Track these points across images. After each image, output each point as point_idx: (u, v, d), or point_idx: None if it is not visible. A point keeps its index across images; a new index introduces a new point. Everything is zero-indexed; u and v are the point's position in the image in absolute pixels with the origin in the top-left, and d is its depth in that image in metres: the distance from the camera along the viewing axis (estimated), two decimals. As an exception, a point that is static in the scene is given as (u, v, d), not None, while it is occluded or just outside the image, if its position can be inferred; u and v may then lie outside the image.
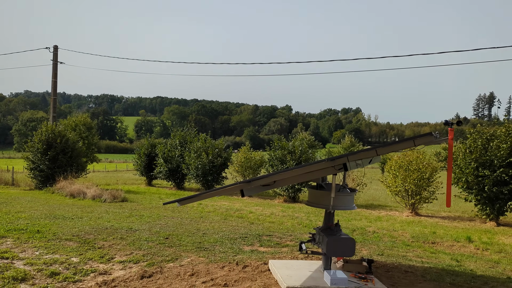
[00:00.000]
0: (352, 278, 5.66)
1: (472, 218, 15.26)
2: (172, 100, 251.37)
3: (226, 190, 5.13)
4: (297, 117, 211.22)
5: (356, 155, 4.56)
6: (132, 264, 7.26)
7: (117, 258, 7.64)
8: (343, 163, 4.66)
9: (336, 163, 4.63)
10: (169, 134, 30.08)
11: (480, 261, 8.31)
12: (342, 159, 4.57)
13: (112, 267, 7.11)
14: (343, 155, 4.56)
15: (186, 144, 24.63)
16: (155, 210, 14.42)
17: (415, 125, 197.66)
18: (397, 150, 4.51)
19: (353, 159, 4.62)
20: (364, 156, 4.63)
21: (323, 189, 5.80)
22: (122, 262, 7.36)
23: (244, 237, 9.75)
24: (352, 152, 4.58)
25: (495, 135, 14.14)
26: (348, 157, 4.54)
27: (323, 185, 5.85)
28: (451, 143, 4.58)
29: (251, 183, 4.91)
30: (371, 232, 11.43)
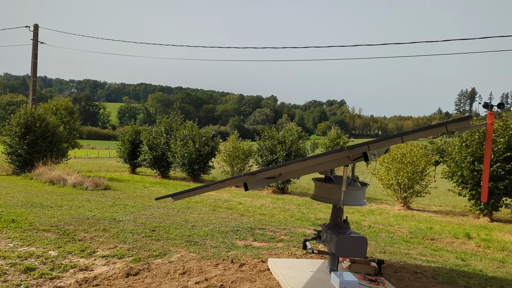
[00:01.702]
0: (361, 281, 5.14)
1: (465, 213, 14.99)
2: (156, 87, 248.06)
3: (228, 183, 4.54)
4: (283, 108, 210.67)
5: (378, 143, 4.00)
6: (116, 259, 6.63)
7: (99, 252, 7.00)
8: (363, 152, 4.10)
9: (354, 152, 4.07)
10: (152, 121, 29.27)
11: (486, 260, 7.92)
12: (362, 147, 4.00)
13: (94, 262, 6.47)
14: (363, 143, 4.01)
15: (172, 131, 23.86)
16: (139, 199, 13.74)
17: (398, 118, 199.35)
18: (426, 136, 3.95)
19: (375, 147, 4.06)
20: (388, 144, 4.08)
21: (332, 182, 5.24)
22: (105, 256, 6.72)
23: (236, 231, 9.18)
24: (373, 140, 4.02)
25: (493, 129, 13.80)
26: (369, 145, 3.98)
27: (332, 178, 5.29)
28: (491, 129, 4.03)
29: (255, 175, 4.32)
30: (367, 227, 10.99)
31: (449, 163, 14.80)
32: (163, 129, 24.05)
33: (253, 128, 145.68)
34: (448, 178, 14.78)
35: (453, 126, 3.89)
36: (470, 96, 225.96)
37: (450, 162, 14.71)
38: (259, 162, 19.35)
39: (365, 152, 4.12)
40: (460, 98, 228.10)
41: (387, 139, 3.93)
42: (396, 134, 3.93)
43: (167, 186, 18.95)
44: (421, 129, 3.86)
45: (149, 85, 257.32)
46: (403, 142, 3.94)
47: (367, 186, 5.36)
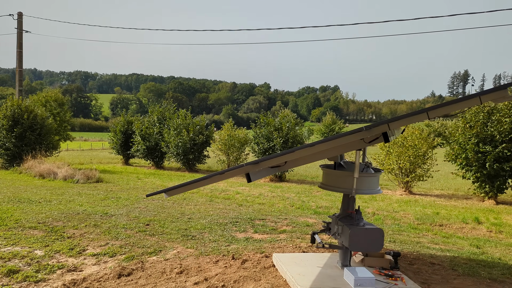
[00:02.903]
0: (377, 277, 4.66)
1: (468, 196, 14.60)
2: (148, 77, 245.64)
3: (228, 174, 4.01)
4: (276, 95, 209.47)
5: (400, 121, 3.47)
6: (108, 257, 6.11)
7: (89, 250, 6.48)
8: (382, 132, 3.57)
9: (373, 133, 3.54)
10: (145, 112, 28.54)
11: (501, 247, 7.48)
12: (381, 127, 3.47)
13: (84, 261, 5.96)
14: (382, 121, 3.47)
15: (165, 121, 23.24)
16: (133, 191, 13.19)
17: (392, 103, 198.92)
18: (455, 110, 3.40)
19: (396, 126, 3.53)
20: (411, 121, 3.55)
21: (342, 169, 4.72)
22: (96, 255, 6.21)
23: (235, 222, 8.68)
24: (394, 118, 3.49)
25: (497, 108, 13.34)
26: (389, 124, 3.45)
27: (342, 164, 4.77)
28: None
29: (259, 165, 3.79)
30: (371, 213, 10.54)
31: (452, 145, 14.33)
32: (156, 119, 23.43)
33: (247, 116, 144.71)
34: (451, 160, 14.33)
35: (488, 97, 3.36)
36: (463, 78, 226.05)
37: (453, 144, 14.24)
38: (255, 150, 18.83)
39: (385, 132, 3.59)
40: (453, 80, 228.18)
41: (411, 115, 3.40)
42: (421, 109, 3.40)
43: (162, 177, 18.41)
44: (450, 102, 3.33)
45: (141, 75, 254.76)
46: (429, 119, 3.41)
47: (381, 173, 4.85)
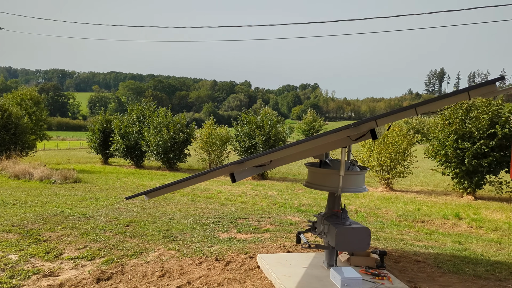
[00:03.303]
0: (364, 276, 4.60)
1: (447, 192, 14.79)
2: (127, 75, 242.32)
3: (211, 174, 3.86)
4: (257, 93, 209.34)
5: (388, 117, 3.39)
6: (86, 261, 5.90)
7: (66, 253, 6.25)
8: (370, 129, 3.49)
9: (360, 130, 3.45)
10: (124, 110, 28.04)
11: (483, 242, 7.55)
12: (369, 123, 3.38)
13: (61, 266, 5.73)
14: (369, 118, 3.39)
15: (144, 119, 22.87)
16: (112, 191, 12.90)
17: (370, 100, 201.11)
18: (444, 105, 3.34)
19: (383, 122, 3.45)
20: (399, 117, 3.48)
21: (328, 167, 4.63)
22: (73, 259, 5.98)
23: (218, 222, 8.54)
24: (381, 114, 3.41)
25: (475, 105, 13.53)
26: (377, 120, 3.37)
27: (327, 162, 4.69)
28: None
29: (244, 164, 3.66)
30: (354, 211, 10.54)
31: (432, 142, 14.50)
32: (135, 117, 23.03)
33: (228, 114, 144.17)
34: (431, 157, 14.50)
35: (477, 92, 3.30)
36: (439, 76, 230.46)
37: (433, 141, 14.40)
38: (237, 148, 18.69)
39: (372, 129, 3.51)
40: (430, 78, 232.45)
41: (399, 111, 3.32)
42: (409, 105, 3.33)
43: (142, 176, 18.11)
44: (439, 97, 3.26)
45: (120, 73, 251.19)
46: (418, 115, 3.35)
47: (366, 171, 4.78)
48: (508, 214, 10.55)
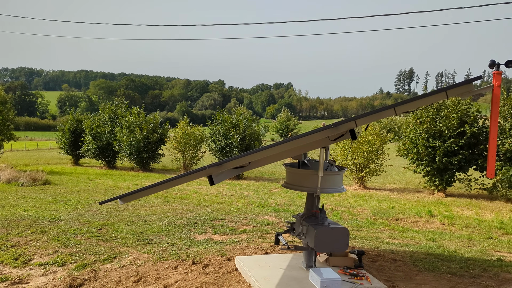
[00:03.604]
0: (343, 276, 4.59)
1: (419, 190, 15.08)
2: (98, 74, 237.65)
3: (187, 178, 3.76)
4: (231, 92, 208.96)
5: (367, 117, 3.38)
6: (57, 267, 5.69)
7: (36, 259, 6.01)
8: (349, 129, 3.47)
9: (340, 130, 3.43)
10: (96, 109, 27.39)
11: (455, 239, 7.70)
12: (349, 124, 3.36)
13: (30, 272, 5.51)
14: (349, 118, 3.37)
15: (117, 119, 22.40)
16: (83, 193, 12.56)
17: (342, 99, 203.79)
18: (423, 105, 3.35)
19: (363, 122, 3.44)
20: (379, 117, 3.47)
21: (306, 168, 4.60)
22: (43, 265, 5.76)
23: (194, 223, 8.42)
24: (360, 114, 3.40)
25: (445, 104, 13.84)
26: (356, 120, 3.35)
27: (306, 163, 4.66)
28: (498, 92, 3.44)
29: (222, 166, 3.58)
30: (329, 209, 10.60)
31: (404, 141, 14.76)
32: (107, 117, 22.53)
33: (201, 113, 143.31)
34: (403, 155, 14.74)
35: (454, 92, 3.33)
36: (408, 76, 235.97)
37: (405, 140, 14.66)
38: (212, 148, 18.53)
39: (352, 129, 3.49)
40: (400, 78, 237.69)
41: (378, 111, 3.31)
42: (388, 105, 3.33)
43: (114, 177, 17.73)
44: (418, 97, 3.28)
45: (90, 72, 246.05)
46: (396, 114, 3.35)
47: (344, 171, 4.78)
48: (478, 211, 10.84)
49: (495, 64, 3.39)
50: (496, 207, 11.50)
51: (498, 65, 3.39)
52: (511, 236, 8.17)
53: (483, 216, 10.14)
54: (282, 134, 64.78)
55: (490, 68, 3.44)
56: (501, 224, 9.06)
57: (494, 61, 3.40)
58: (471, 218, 9.71)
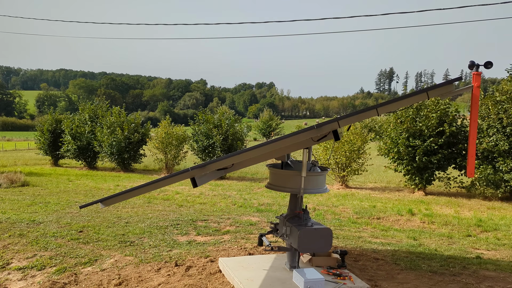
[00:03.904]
0: (326, 277, 4.62)
1: (400, 188, 15.28)
2: (77, 73, 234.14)
3: (171, 180, 3.71)
4: (213, 91, 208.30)
5: (349, 118, 3.40)
6: (36, 271, 5.57)
7: (14, 263, 5.87)
8: (332, 130, 3.48)
9: (323, 131, 3.44)
10: (75, 109, 26.95)
11: (435, 237, 7.83)
12: (332, 125, 3.37)
13: (8, 277, 5.38)
14: (332, 119, 3.38)
15: (97, 119, 22.08)
16: (63, 195, 12.34)
17: (324, 99, 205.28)
18: (405, 106, 3.40)
19: (345, 123, 3.46)
20: (361, 118, 3.50)
21: (290, 168, 4.61)
22: (22, 269, 5.63)
23: (176, 224, 8.35)
24: (343, 115, 3.41)
25: (425, 104, 14.06)
26: (339, 121, 3.37)
27: (289, 164, 4.66)
28: (477, 93, 3.49)
29: (205, 168, 3.55)
30: (312, 209, 10.65)
31: (385, 140, 14.94)
32: (87, 117, 22.19)
33: (183, 113, 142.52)
34: (384, 155, 14.93)
35: (435, 92, 3.38)
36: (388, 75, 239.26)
37: (386, 139, 14.84)
38: (194, 148, 18.44)
39: (335, 130, 3.50)
40: (380, 77, 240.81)
41: (361, 112, 3.33)
42: (370, 106, 3.35)
43: (95, 178, 17.47)
44: (400, 98, 3.31)
45: (70, 71, 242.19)
46: (379, 115, 3.38)
47: (327, 171, 4.81)
48: (457, 209, 11.04)
49: (475, 65, 3.45)
50: (474, 205, 11.74)
51: (477, 66, 3.45)
52: (489, 233, 8.35)
53: (462, 214, 10.34)
54: (264, 133, 64.83)
55: (469, 69, 3.49)
56: (479, 221, 9.25)
57: (473, 62, 3.45)
58: (450, 216, 9.89)
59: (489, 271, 5.69)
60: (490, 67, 3.43)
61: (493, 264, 6.02)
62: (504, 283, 5.20)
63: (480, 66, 3.46)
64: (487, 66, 3.44)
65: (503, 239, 7.86)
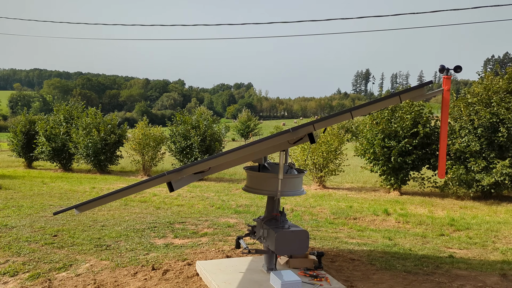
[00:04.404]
0: (303, 278, 4.67)
1: (376, 188, 15.53)
2: (52, 73, 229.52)
3: (146, 185, 3.69)
4: (191, 92, 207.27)
5: (325, 121, 3.45)
6: (8, 277, 5.44)
7: (-15, 270, 5.72)
8: (308, 133, 3.53)
9: (298, 134, 3.48)
10: (50, 110, 26.38)
11: (410, 237, 8.00)
12: (307, 128, 3.42)
13: (-21, 284, 5.24)
14: (308, 123, 3.43)
15: (72, 120, 21.67)
16: (37, 198, 12.07)
17: (302, 99, 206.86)
18: (378, 109, 3.47)
19: (321, 126, 3.51)
20: (336, 121, 3.55)
21: (267, 171, 4.64)
22: (-6, 275, 5.49)
23: (153, 227, 8.29)
24: (319, 118, 3.46)
25: (400, 106, 14.33)
26: (315, 124, 3.41)
27: (266, 166, 4.69)
28: (447, 96, 3.60)
29: (182, 172, 3.55)
30: (290, 210, 10.72)
31: (361, 141, 15.16)
32: (62, 118, 21.75)
33: (161, 113, 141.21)
34: (360, 155, 15.14)
35: (407, 96, 3.47)
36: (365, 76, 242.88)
37: (362, 140, 15.06)
38: (172, 149, 18.30)
39: (310, 133, 3.55)
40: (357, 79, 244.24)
41: (335, 116, 3.39)
42: (344, 110, 3.42)
43: (71, 180, 17.15)
44: (373, 102, 3.38)
45: (44, 71, 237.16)
46: (353, 118, 3.44)
47: (304, 173, 4.86)
48: (430, 208, 11.30)
49: (445, 69, 3.55)
50: (448, 205, 12.04)
51: (447, 70, 3.55)
52: (461, 232, 8.58)
53: (435, 214, 10.58)
54: (243, 134, 64.80)
55: (440, 72, 3.60)
56: (452, 221, 9.49)
57: (443, 66, 3.56)
58: (424, 216, 10.12)
59: (461, 270, 5.85)
60: (459, 71, 3.54)
61: (464, 263, 6.20)
62: (475, 281, 5.35)
63: (450, 70, 3.56)
64: (457, 70, 3.55)
65: (474, 238, 8.09)
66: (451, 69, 3.55)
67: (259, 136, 65.02)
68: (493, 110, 12.32)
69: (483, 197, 13.05)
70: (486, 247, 7.42)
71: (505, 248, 7.28)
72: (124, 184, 15.61)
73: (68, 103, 23.35)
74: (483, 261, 6.40)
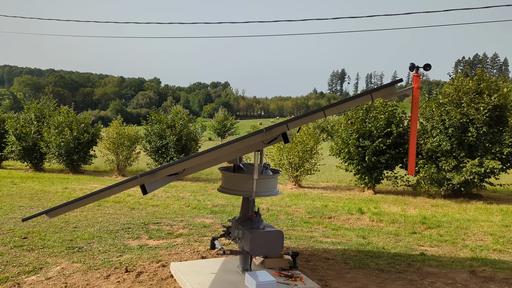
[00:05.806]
0: (278, 278, 4.68)
1: (350, 187, 15.74)
2: (23, 70, 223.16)
3: (118, 188, 3.62)
4: (167, 90, 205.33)
5: (298, 120, 3.47)
6: (-25, 282, 5.26)
7: (-50, 274, 5.52)
8: (282, 132, 3.53)
9: (272, 134, 3.48)
10: (21, 108, 25.66)
11: (383, 235, 8.13)
12: (281, 127, 3.43)
13: None
14: (281, 122, 3.44)
15: (44, 118, 21.12)
16: (6, 199, 11.72)
17: (278, 99, 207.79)
18: (350, 108, 3.52)
19: (294, 126, 3.52)
20: (309, 120, 3.57)
21: (242, 172, 4.63)
22: (-41, 280, 5.30)
23: (127, 228, 8.17)
24: (292, 118, 3.47)
25: (374, 105, 14.56)
26: (288, 124, 3.43)
27: (241, 167, 4.68)
28: (417, 94, 3.66)
29: (155, 174, 3.50)
30: (265, 209, 10.74)
31: (336, 140, 15.33)
32: (33, 116, 21.18)
33: (136, 112, 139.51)
34: (335, 155, 15.31)
35: (379, 94, 3.52)
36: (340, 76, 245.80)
37: (337, 139, 15.23)
38: (147, 148, 18.08)
39: (284, 133, 3.56)
40: (332, 78, 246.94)
41: (309, 115, 3.41)
42: (317, 109, 3.44)
43: (42, 180, 16.72)
44: (345, 100, 3.41)
45: (15, 67, 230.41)
46: (326, 117, 3.47)
47: (279, 174, 4.87)
48: (403, 207, 11.52)
49: (415, 67, 3.62)
50: (420, 203, 12.30)
51: (417, 68, 3.62)
52: (432, 230, 8.78)
53: (408, 212, 10.80)
54: (219, 133, 64.59)
55: (410, 70, 3.67)
56: (423, 219, 9.70)
57: (413, 64, 3.63)
58: (397, 214, 10.31)
59: (432, 267, 5.98)
60: (429, 69, 3.61)
61: (435, 260, 6.34)
62: (446, 278, 5.49)
63: (420, 68, 3.64)
64: (426, 68, 3.63)
65: (445, 235, 8.29)
66: (421, 67, 3.62)
67: (236, 135, 64.97)
68: (463, 110, 12.66)
69: (453, 195, 13.40)
70: (456, 244, 7.62)
71: (474, 245, 7.49)
72: (97, 184, 15.33)
73: (40, 101, 22.76)
74: (453, 258, 6.57)
